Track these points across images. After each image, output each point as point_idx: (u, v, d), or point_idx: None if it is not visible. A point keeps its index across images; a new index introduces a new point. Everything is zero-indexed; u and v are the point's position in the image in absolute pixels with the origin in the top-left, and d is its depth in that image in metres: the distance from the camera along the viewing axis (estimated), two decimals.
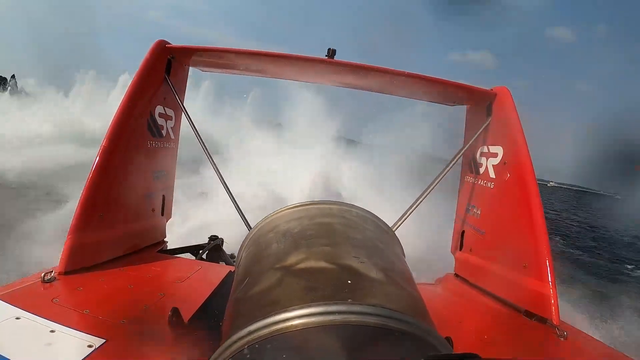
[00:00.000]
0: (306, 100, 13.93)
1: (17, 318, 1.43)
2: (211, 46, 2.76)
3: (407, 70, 2.62)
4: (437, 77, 2.68)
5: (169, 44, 2.62)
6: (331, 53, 2.55)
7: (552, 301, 2.05)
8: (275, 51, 2.69)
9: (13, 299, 1.54)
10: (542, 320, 2.07)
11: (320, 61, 2.57)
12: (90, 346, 1.34)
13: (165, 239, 3.04)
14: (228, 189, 2.55)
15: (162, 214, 2.97)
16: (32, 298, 1.64)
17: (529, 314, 2.14)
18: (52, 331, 1.39)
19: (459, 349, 0.85)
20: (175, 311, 1.48)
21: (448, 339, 0.91)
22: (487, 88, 2.67)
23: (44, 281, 1.80)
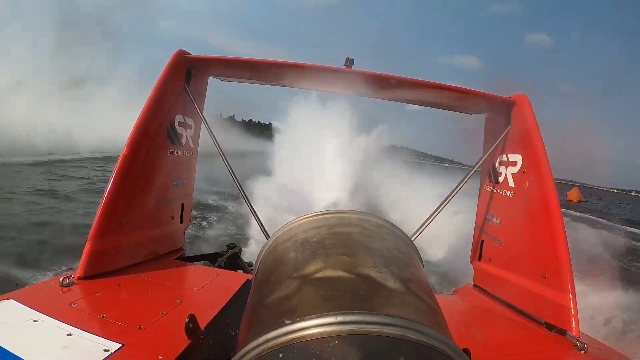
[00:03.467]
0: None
1: (35, 321, 1.46)
2: (230, 56, 2.79)
3: (424, 79, 2.62)
4: (458, 86, 2.67)
5: (189, 54, 2.66)
6: (349, 62, 2.56)
7: (572, 312, 2.01)
8: (293, 61, 2.71)
9: (31, 302, 1.57)
10: (562, 332, 2.03)
11: (339, 71, 2.58)
12: (106, 350, 1.35)
13: (184, 246, 3.07)
14: (247, 198, 2.56)
15: (181, 222, 3.00)
16: (50, 301, 1.67)
17: (548, 326, 2.10)
18: (69, 334, 1.41)
19: None
20: (192, 318, 1.49)
21: (466, 350, 0.90)
22: (505, 96, 2.65)
23: (62, 285, 1.83)
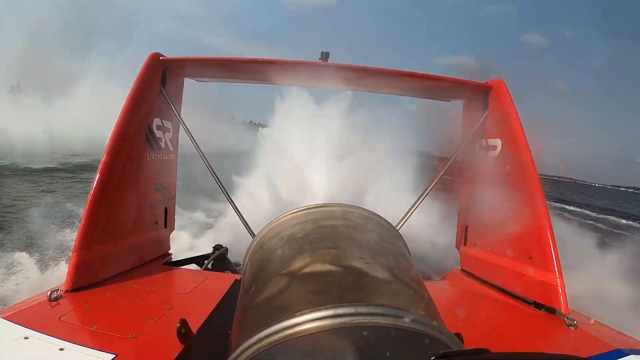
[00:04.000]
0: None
1: (26, 338, 1.43)
2: (204, 56, 2.76)
3: (400, 69, 2.63)
4: (432, 74, 2.69)
5: (163, 56, 2.62)
6: (324, 56, 2.55)
7: (560, 290, 2.05)
8: (268, 58, 2.70)
9: (21, 319, 1.54)
10: (551, 310, 2.07)
11: (315, 64, 2.57)
12: None
13: (170, 251, 3.04)
14: (230, 197, 2.55)
15: (166, 226, 2.97)
16: (40, 317, 1.64)
17: (537, 305, 2.14)
18: (61, 349, 1.38)
19: (469, 344, 0.85)
20: (184, 323, 1.48)
21: (458, 334, 0.90)
22: (483, 82, 2.67)
23: (50, 299, 1.79)
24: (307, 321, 0.70)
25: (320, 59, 2.55)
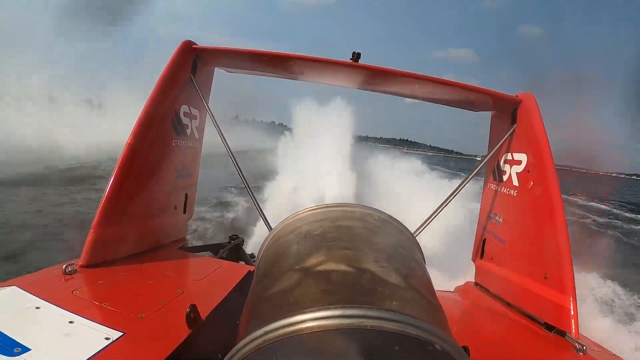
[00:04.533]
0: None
1: (38, 307, 1.47)
2: (237, 48, 2.78)
3: (432, 75, 2.61)
4: (464, 83, 2.66)
5: (195, 44, 2.65)
6: (355, 56, 2.54)
7: (572, 314, 2.00)
8: (300, 54, 2.70)
9: (34, 289, 1.58)
10: (561, 333, 2.03)
11: (346, 64, 2.57)
12: (107, 339, 1.36)
13: (187, 236, 3.08)
14: (250, 190, 2.56)
15: (184, 212, 3.01)
16: (53, 289, 1.68)
17: (548, 327, 2.10)
18: (70, 322, 1.42)
19: (476, 359, 0.84)
20: (193, 308, 1.50)
21: (465, 348, 0.90)
22: (511, 94, 2.64)
23: (65, 273, 1.83)
24: (314, 319, 0.71)
25: (351, 59, 2.55)
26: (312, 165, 10.69)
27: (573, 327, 1.98)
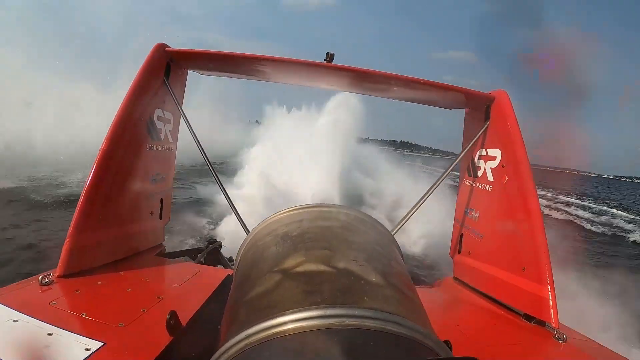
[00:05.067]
0: None
1: (15, 321, 1.43)
2: (210, 50, 2.76)
3: (403, 74, 2.63)
4: (437, 81, 2.69)
5: (169, 47, 2.62)
6: (329, 57, 2.54)
7: (551, 304, 2.05)
8: (274, 55, 2.69)
9: (11, 302, 1.54)
10: (541, 323, 2.08)
11: (320, 65, 2.57)
12: (87, 349, 1.34)
13: (164, 242, 3.04)
14: (226, 192, 2.54)
15: (160, 217, 2.96)
16: (30, 301, 1.64)
17: (528, 317, 2.14)
18: (49, 334, 1.38)
19: (458, 353, 0.85)
20: (173, 314, 1.48)
21: (447, 342, 0.91)
22: (485, 92, 2.68)
23: (41, 284, 1.79)
24: (296, 320, 0.70)
25: (325, 60, 2.55)
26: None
27: (553, 316, 2.03)
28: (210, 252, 3.56)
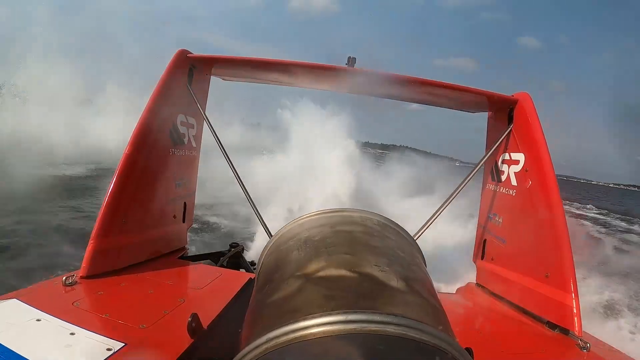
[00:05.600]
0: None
1: (38, 320, 1.46)
2: (232, 56, 2.79)
3: (427, 78, 2.62)
4: (460, 84, 2.67)
5: (191, 53, 2.66)
6: (351, 62, 2.55)
7: (575, 312, 2.00)
8: (295, 60, 2.71)
9: (34, 301, 1.58)
10: (565, 331, 2.03)
11: (341, 69, 2.57)
12: (109, 349, 1.36)
13: (186, 246, 3.07)
14: (250, 197, 2.56)
15: (184, 221, 3.00)
16: (53, 301, 1.67)
17: (551, 325, 2.10)
18: (72, 334, 1.41)
19: None
20: (195, 317, 1.49)
21: (468, 349, 0.90)
22: (508, 94, 2.64)
23: (65, 284, 1.83)
24: (318, 325, 0.70)
25: (347, 64, 2.56)
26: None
27: (576, 325, 1.98)
28: (233, 256, 3.58)
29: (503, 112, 2.69)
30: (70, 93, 19.97)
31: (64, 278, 1.85)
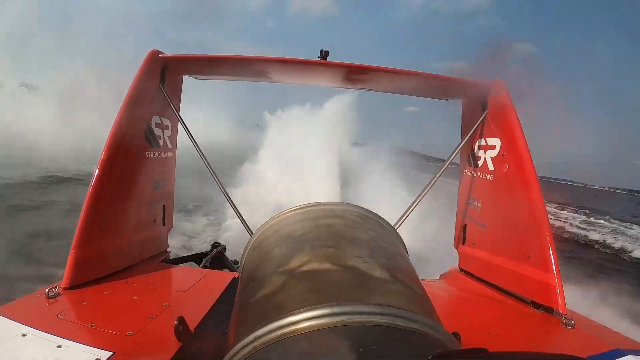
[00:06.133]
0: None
1: (24, 335, 1.43)
2: (203, 54, 2.76)
3: (399, 68, 2.63)
4: (433, 73, 2.68)
5: (162, 53, 2.61)
6: (324, 54, 2.54)
7: (558, 291, 2.05)
8: (267, 56, 2.69)
9: (18, 316, 1.54)
10: (549, 310, 2.07)
11: (314, 63, 2.56)
12: (97, 359, 1.34)
13: (168, 249, 3.04)
14: (228, 195, 2.54)
15: (164, 224, 2.96)
16: (38, 314, 1.64)
17: (535, 305, 2.14)
18: (58, 346, 1.38)
19: (467, 344, 0.85)
20: (181, 320, 1.48)
21: (455, 334, 0.90)
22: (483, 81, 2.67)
23: (48, 297, 1.79)
24: (304, 320, 0.70)
25: (319, 57, 2.55)
26: None
27: (560, 302, 2.03)
28: (215, 256, 3.57)
29: (478, 98, 2.72)
30: None
31: (46, 290, 1.81)
